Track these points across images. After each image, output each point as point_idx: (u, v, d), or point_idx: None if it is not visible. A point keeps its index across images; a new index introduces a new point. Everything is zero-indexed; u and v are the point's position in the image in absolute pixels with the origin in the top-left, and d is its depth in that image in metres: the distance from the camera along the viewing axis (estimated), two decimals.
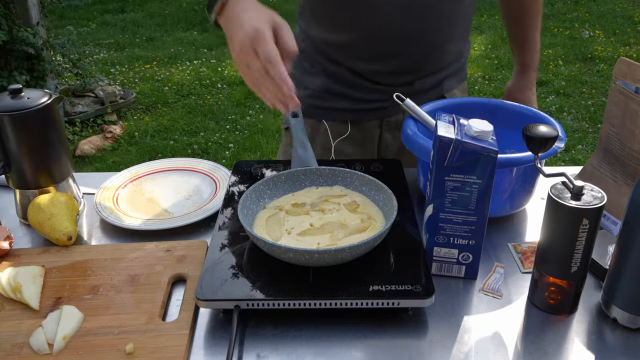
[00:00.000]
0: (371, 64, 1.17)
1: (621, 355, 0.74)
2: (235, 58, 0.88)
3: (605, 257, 0.88)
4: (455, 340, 0.76)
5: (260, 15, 0.88)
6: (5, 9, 3.32)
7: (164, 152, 3.58)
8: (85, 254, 0.92)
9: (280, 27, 0.88)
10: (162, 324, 0.78)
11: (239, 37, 0.86)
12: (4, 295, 0.83)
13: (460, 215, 0.82)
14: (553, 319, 0.79)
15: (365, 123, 1.24)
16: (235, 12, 0.90)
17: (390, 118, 1.24)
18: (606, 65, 4.59)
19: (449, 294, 0.84)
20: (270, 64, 0.84)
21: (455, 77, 1.27)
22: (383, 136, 1.26)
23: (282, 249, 0.78)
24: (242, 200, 0.89)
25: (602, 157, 1.01)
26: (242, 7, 0.90)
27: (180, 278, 0.88)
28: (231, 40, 0.89)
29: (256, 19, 0.86)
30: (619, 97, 0.95)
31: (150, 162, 1.19)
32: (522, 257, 0.91)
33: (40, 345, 0.74)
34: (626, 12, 5.91)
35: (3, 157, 0.97)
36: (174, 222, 0.99)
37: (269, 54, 0.84)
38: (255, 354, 0.74)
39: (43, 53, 3.55)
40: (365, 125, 1.24)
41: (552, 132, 0.76)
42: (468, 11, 1.20)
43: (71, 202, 0.99)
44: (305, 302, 0.76)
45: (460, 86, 1.31)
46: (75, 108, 3.98)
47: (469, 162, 0.77)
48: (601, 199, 0.73)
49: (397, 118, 1.24)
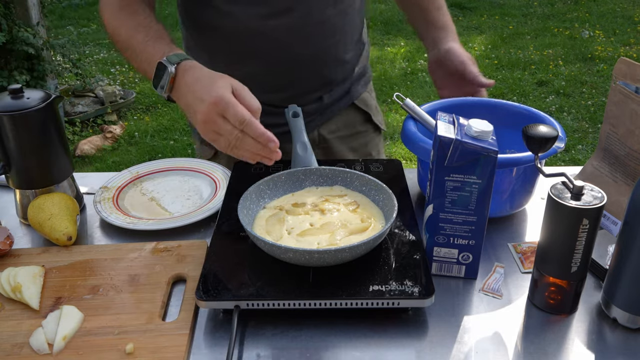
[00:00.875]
0: (275, 93, 1.16)
1: (621, 355, 0.74)
2: (202, 129, 0.86)
3: (605, 257, 0.88)
4: (455, 340, 0.76)
5: (215, 81, 0.85)
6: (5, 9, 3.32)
7: (164, 152, 3.58)
8: (85, 254, 0.92)
9: (238, 89, 0.85)
10: (162, 324, 0.78)
11: (201, 109, 0.83)
12: (4, 295, 0.83)
13: (460, 215, 0.82)
14: (553, 319, 0.79)
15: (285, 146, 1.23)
16: (188, 84, 0.87)
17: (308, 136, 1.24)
18: (606, 65, 4.58)
19: (449, 294, 0.84)
20: (245, 125, 0.82)
21: (360, 81, 1.27)
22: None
23: (282, 249, 0.78)
24: (242, 200, 0.89)
25: (602, 157, 1.01)
26: (194, 77, 0.87)
27: (180, 278, 0.88)
28: (192, 113, 0.86)
29: (215, 87, 0.84)
30: (619, 97, 0.95)
31: (151, 162, 1.19)
32: (522, 257, 0.91)
33: (40, 345, 0.74)
34: (626, 12, 5.91)
35: (3, 157, 0.97)
36: (174, 222, 0.99)
37: (241, 116, 0.81)
38: (255, 354, 0.74)
39: (43, 53, 3.54)
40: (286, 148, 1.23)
41: (552, 132, 0.76)
42: (359, 16, 1.19)
43: (71, 202, 0.99)
44: (305, 302, 0.76)
45: (367, 88, 1.31)
46: (76, 108, 3.98)
47: (469, 162, 0.77)
48: (601, 199, 0.73)
49: (312, 136, 1.23)
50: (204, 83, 0.86)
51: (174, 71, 0.89)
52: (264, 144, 0.83)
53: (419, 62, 4.83)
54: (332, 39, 1.14)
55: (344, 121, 1.26)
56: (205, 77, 0.87)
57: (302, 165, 1.00)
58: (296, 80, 1.16)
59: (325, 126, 1.25)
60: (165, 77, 0.89)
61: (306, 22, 1.09)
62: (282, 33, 1.09)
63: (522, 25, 5.72)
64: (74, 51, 3.84)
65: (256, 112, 0.84)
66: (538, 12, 6.10)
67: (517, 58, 4.80)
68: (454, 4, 6.36)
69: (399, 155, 3.37)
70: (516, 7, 6.26)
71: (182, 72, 0.89)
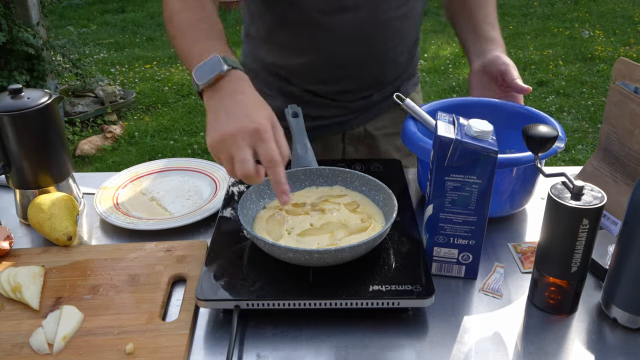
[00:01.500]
0: (328, 85, 1.17)
1: (621, 355, 0.74)
2: (216, 144, 0.79)
3: (605, 257, 0.88)
4: (455, 340, 0.76)
5: (262, 108, 0.81)
6: (5, 9, 3.32)
7: (164, 152, 3.58)
8: (85, 254, 0.92)
9: (277, 127, 0.81)
10: (162, 324, 0.78)
11: (231, 127, 0.78)
12: (4, 295, 0.83)
13: (460, 215, 0.82)
14: (553, 319, 0.79)
15: (327, 137, 1.24)
16: (233, 92, 0.83)
17: (351, 131, 1.24)
18: (606, 65, 4.59)
19: (449, 294, 0.84)
20: (271, 165, 0.77)
21: (409, 82, 1.28)
22: (346, 149, 1.26)
23: (282, 249, 0.78)
24: (242, 200, 0.89)
25: (602, 157, 1.01)
26: (241, 91, 0.83)
27: (180, 278, 0.88)
28: (218, 123, 0.80)
29: (260, 113, 0.80)
30: (619, 97, 0.95)
31: (150, 162, 1.19)
32: (522, 257, 0.91)
33: (40, 345, 0.74)
34: (626, 12, 5.91)
35: (3, 157, 0.97)
36: (174, 222, 0.99)
37: (272, 156, 0.77)
38: (255, 354, 0.74)
39: (43, 53, 3.54)
40: (327, 140, 1.24)
41: (552, 132, 0.76)
42: (418, 21, 1.20)
43: (71, 202, 0.99)
44: (305, 302, 0.76)
45: (416, 89, 1.32)
46: (75, 108, 3.98)
47: (469, 162, 0.77)
48: (601, 199, 0.73)
49: (358, 131, 1.24)
50: (250, 102, 0.82)
51: (225, 70, 0.83)
52: (277, 193, 0.79)
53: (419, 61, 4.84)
54: (392, 42, 1.15)
55: (391, 119, 1.26)
56: (252, 97, 0.83)
57: (302, 165, 1.00)
58: (350, 77, 1.16)
59: (373, 123, 1.26)
60: (214, 71, 0.84)
61: (370, 22, 1.09)
62: (345, 30, 1.09)
63: (522, 25, 5.72)
64: (74, 51, 3.84)
65: (285, 159, 0.79)
66: (538, 12, 6.11)
67: (517, 58, 4.80)
68: None
69: None
70: (516, 7, 6.26)
71: (231, 77, 0.84)
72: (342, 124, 1.23)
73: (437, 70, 4.66)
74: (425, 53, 5.03)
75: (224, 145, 0.79)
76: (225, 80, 0.84)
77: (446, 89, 4.30)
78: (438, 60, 4.87)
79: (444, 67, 4.70)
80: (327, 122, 1.22)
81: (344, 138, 1.25)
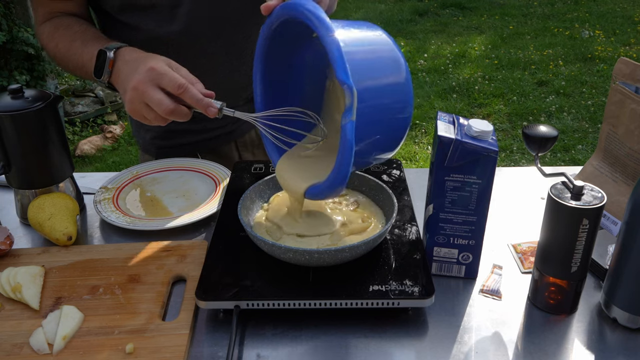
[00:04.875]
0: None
1: (621, 355, 0.74)
2: (130, 98, 0.83)
3: (605, 257, 0.88)
4: (455, 340, 0.76)
5: (153, 57, 0.85)
6: (5, 9, 3.32)
7: None
8: (85, 254, 0.92)
9: (175, 65, 0.84)
10: (162, 324, 0.78)
11: (134, 79, 0.82)
12: (4, 295, 0.83)
13: (460, 215, 0.82)
14: (553, 319, 0.79)
15: (221, 148, 1.24)
16: (125, 61, 0.88)
17: (242, 138, 1.24)
18: (606, 65, 4.59)
19: (449, 294, 0.84)
20: (182, 90, 0.80)
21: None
22: (242, 156, 1.26)
23: (282, 249, 0.78)
24: (242, 200, 0.89)
25: (602, 157, 1.01)
26: (132, 57, 0.88)
27: (180, 278, 0.88)
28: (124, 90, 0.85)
29: (150, 60, 0.83)
30: (619, 97, 0.95)
31: (150, 162, 1.19)
32: (522, 257, 0.91)
33: (40, 345, 0.74)
34: (626, 12, 5.91)
35: (3, 157, 0.97)
36: (174, 222, 0.99)
37: (177, 81, 0.80)
38: (255, 354, 0.74)
39: (43, 53, 3.54)
40: (220, 151, 1.24)
41: (552, 132, 0.76)
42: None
43: (71, 202, 0.99)
44: (305, 302, 0.76)
45: None
46: (75, 108, 3.98)
47: (469, 162, 0.77)
48: (601, 198, 0.73)
49: (250, 136, 1.24)
50: (141, 58, 0.86)
51: (112, 56, 0.89)
52: (202, 110, 0.81)
53: (419, 62, 4.84)
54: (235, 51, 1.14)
55: None
56: (142, 55, 0.88)
57: None
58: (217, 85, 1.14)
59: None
60: (106, 62, 0.89)
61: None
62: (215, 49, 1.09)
63: (522, 25, 5.72)
64: None
65: (192, 82, 0.83)
66: (538, 12, 6.11)
67: (517, 58, 4.80)
68: (454, 4, 6.37)
69: (399, 155, 3.37)
70: (516, 7, 6.26)
71: (121, 55, 0.90)
72: (231, 132, 1.23)
73: (437, 70, 4.66)
74: (425, 53, 5.04)
75: (134, 101, 0.83)
76: (118, 62, 0.89)
77: (446, 89, 4.30)
78: (438, 60, 4.87)
79: (444, 67, 4.70)
80: (216, 134, 1.21)
81: (237, 146, 1.25)
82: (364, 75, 0.72)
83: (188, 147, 1.23)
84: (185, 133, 1.21)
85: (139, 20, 1.05)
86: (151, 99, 0.81)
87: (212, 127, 1.21)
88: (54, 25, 1.04)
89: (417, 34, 5.55)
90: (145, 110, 0.83)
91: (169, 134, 1.21)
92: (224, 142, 1.24)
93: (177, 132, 1.20)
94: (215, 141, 1.23)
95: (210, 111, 0.81)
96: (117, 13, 1.06)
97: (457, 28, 5.70)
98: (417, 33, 5.59)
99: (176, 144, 1.22)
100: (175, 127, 1.14)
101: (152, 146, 1.25)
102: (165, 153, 1.23)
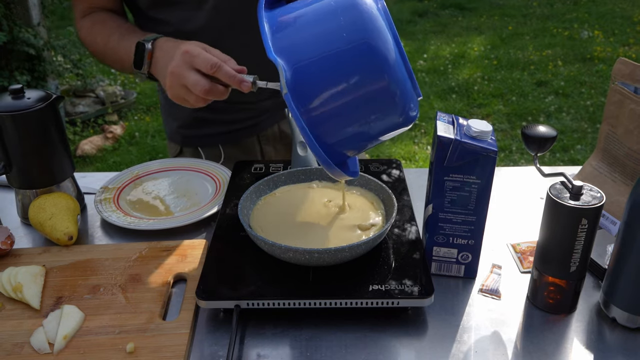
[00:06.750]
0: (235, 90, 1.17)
1: (620, 355, 0.74)
2: (170, 91, 0.88)
3: (604, 257, 0.88)
4: (455, 340, 0.76)
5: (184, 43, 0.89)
6: (6, 10, 3.32)
7: (164, 152, 3.57)
8: (86, 254, 0.92)
9: (208, 47, 0.87)
10: (163, 323, 0.78)
11: (171, 65, 0.86)
12: (4, 295, 0.83)
13: (460, 215, 0.82)
14: (552, 319, 0.80)
15: (243, 141, 1.25)
16: (163, 50, 0.92)
17: (265, 132, 1.25)
18: (605, 65, 4.59)
19: (448, 294, 0.84)
20: (216, 69, 0.82)
21: None
22: (264, 150, 1.27)
23: (282, 249, 0.78)
24: (242, 200, 0.89)
25: (601, 157, 1.01)
26: (169, 45, 0.92)
27: (180, 278, 0.88)
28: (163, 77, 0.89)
29: (184, 44, 0.87)
30: (618, 97, 0.95)
31: (151, 162, 1.19)
32: (521, 256, 0.91)
33: (41, 345, 0.74)
34: (626, 13, 5.91)
35: (4, 157, 0.98)
36: (174, 222, 1.00)
37: (210, 60, 0.82)
38: (255, 354, 0.74)
39: (44, 53, 3.55)
40: (243, 144, 1.25)
41: (551, 132, 0.76)
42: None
43: (72, 201, 0.99)
44: (305, 302, 0.76)
45: None
46: (76, 108, 3.98)
47: (468, 162, 0.78)
48: (600, 198, 0.73)
49: (272, 130, 1.25)
50: (176, 45, 0.89)
51: (150, 47, 0.93)
52: (237, 86, 0.83)
53: (418, 62, 4.84)
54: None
55: None
56: (177, 42, 0.91)
57: (302, 165, 1.00)
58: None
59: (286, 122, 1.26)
60: (145, 54, 0.93)
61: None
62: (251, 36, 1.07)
63: (521, 25, 5.72)
64: (75, 52, 3.84)
65: (225, 60, 0.86)
66: (537, 12, 6.11)
67: (516, 58, 4.81)
68: (453, 4, 6.37)
69: (398, 155, 3.37)
70: (516, 8, 6.26)
71: (158, 46, 0.94)
72: (254, 126, 1.24)
73: (436, 71, 4.66)
74: (425, 53, 5.04)
75: (174, 85, 0.86)
76: (156, 52, 0.94)
77: (446, 89, 4.30)
78: (438, 60, 4.87)
79: (444, 67, 4.70)
80: (241, 126, 1.22)
81: (259, 140, 1.26)
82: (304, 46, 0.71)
83: (212, 138, 1.24)
84: (212, 123, 1.22)
85: (168, 16, 1.08)
86: (188, 80, 0.84)
87: (241, 118, 1.21)
88: (91, 20, 1.09)
89: (416, 35, 5.55)
90: (184, 92, 0.86)
91: (195, 123, 1.22)
92: (247, 135, 1.24)
93: (205, 121, 1.22)
94: (239, 134, 1.24)
95: (244, 86, 0.83)
96: (148, 9, 1.09)
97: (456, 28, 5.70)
98: (417, 33, 5.59)
99: (201, 134, 1.24)
100: (203, 115, 1.19)
101: (177, 135, 1.27)
102: (190, 142, 1.26)
